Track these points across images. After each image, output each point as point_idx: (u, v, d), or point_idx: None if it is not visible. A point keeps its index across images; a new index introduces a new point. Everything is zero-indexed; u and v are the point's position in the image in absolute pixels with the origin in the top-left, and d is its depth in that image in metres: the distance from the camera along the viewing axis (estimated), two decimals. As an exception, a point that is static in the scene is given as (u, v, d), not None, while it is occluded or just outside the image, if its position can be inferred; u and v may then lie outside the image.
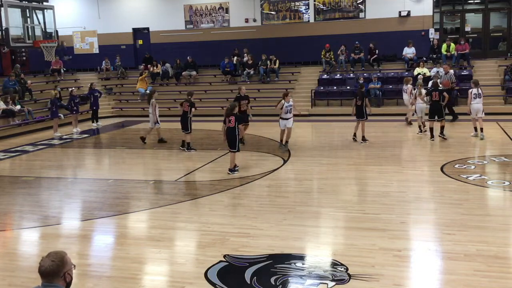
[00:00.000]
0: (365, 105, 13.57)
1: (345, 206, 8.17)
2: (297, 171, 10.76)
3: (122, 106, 22.64)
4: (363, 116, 13.56)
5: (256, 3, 23.46)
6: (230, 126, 10.41)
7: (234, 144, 10.50)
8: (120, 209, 8.59)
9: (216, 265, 5.98)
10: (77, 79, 23.94)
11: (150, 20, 24.86)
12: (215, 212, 8.12)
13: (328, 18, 22.87)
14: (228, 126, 10.47)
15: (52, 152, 14.57)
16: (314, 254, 6.32)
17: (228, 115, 10.49)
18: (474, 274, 5.54)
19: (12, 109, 17.70)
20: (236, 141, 10.50)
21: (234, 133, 10.43)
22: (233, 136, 10.45)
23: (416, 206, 8.11)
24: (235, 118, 10.44)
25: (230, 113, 10.52)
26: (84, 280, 5.79)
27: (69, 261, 3.20)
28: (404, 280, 5.59)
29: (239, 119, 10.68)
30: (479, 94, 13.52)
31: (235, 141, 10.47)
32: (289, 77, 22.06)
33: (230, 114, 10.48)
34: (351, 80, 20.85)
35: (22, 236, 7.66)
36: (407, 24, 21.85)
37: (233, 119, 10.40)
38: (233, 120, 10.39)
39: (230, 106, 10.85)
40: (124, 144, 15.68)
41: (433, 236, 6.84)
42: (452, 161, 11.00)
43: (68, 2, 25.15)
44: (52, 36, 21.22)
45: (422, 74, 19.43)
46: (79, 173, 11.88)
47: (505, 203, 8.51)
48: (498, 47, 22.43)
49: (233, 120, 10.39)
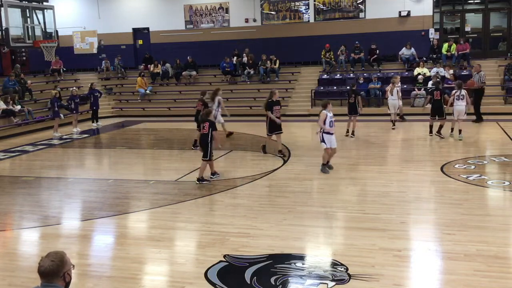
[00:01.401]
0: (357, 102, 14.42)
1: (345, 206, 8.18)
2: (297, 171, 10.75)
3: (122, 106, 22.65)
4: (356, 112, 14.40)
5: (256, 3, 23.45)
6: (204, 132, 9.81)
7: (206, 152, 9.85)
8: (120, 209, 8.59)
9: (216, 265, 5.98)
10: (77, 79, 23.95)
11: (150, 20, 24.85)
12: (215, 212, 8.12)
13: (328, 18, 22.87)
14: (202, 133, 9.85)
15: (52, 152, 14.57)
16: (314, 254, 6.32)
17: (203, 120, 9.91)
18: (474, 274, 5.54)
19: (12, 109, 17.71)
20: (208, 148, 9.82)
21: (207, 140, 9.81)
22: (205, 143, 9.83)
23: (416, 206, 8.10)
24: (209, 124, 9.80)
25: (205, 118, 9.92)
26: (84, 280, 5.79)
27: (69, 261, 3.21)
28: (404, 280, 5.59)
29: (213, 125, 9.86)
30: (462, 96, 13.45)
31: (207, 148, 9.83)
32: (289, 77, 22.07)
33: (205, 120, 9.89)
34: (351, 80, 20.83)
35: (22, 236, 7.66)
36: (407, 24, 21.85)
37: (207, 125, 9.80)
38: (207, 126, 9.80)
39: (205, 111, 10.31)
40: (124, 144, 15.68)
41: (433, 236, 6.84)
42: (452, 161, 11.00)
43: (68, 2, 25.15)
44: (52, 36, 21.22)
45: (422, 74, 19.48)
46: (79, 173, 11.87)
47: (505, 203, 8.51)
48: (498, 47, 22.44)
49: (207, 126, 9.80)
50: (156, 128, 18.59)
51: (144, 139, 17.20)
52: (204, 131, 9.81)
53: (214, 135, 9.79)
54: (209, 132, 9.75)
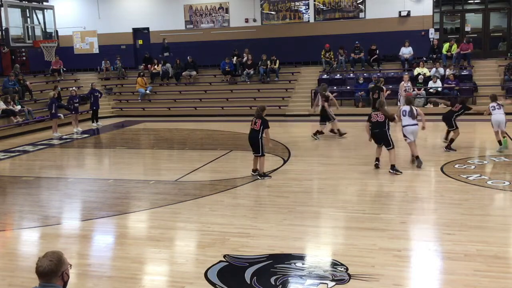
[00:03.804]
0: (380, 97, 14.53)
1: (345, 206, 8.17)
2: (297, 171, 10.75)
3: (122, 106, 22.64)
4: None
5: (256, 3, 23.45)
6: (255, 128, 9.95)
7: (258, 148, 9.96)
8: (120, 209, 8.59)
9: (216, 265, 5.98)
10: (77, 79, 23.95)
11: (150, 20, 24.85)
12: (215, 212, 8.12)
13: (328, 18, 22.87)
14: (253, 128, 10.00)
15: (52, 152, 14.57)
16: (314, 254, 6.32)
17: (257, 117, 9.99)
18: (474, 274, 5.53)
19: (13, 109, 17.71)
20: (260, 145, 9.93)
21: (257, 136, 9.92)
22: (256, 140, 9.96)
23: (416, 206, 8.10)
24: (261, 122, 9.89)
25: (260, 115, 10.00)
26: (84, 280, 5.79)
27: (66, 261, 3.23)
28: (404, 280, 5.59)
29: (265, 123, 9.90)
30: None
31: (258, 144, 9.95)
32: (289, 77, 22.06)
33: (259, 116, 9.98)
34: (351, 80, 20.86)
35: (22, 236, 7.66)
36: (407, 24, 21.85)
37: (259, 122, 9.90)
38: (259, 123, 9.91)
39: (259, 107, 10.30)
40: (124, 144, 15.68)
41: (433, 236, 6.84)
42: (452, 161, 10.99)
43: (68, 2, 25.15)
44: (52, 36, 21.22)
45: (422, 74, 19.48)
46: (79, 173, 11.87)
47: (505, 203, 8.51)
48: (498, 47, 22.45)
49: (259, 123, 9.91)
50: (156, 128, 18.59)
51: (144, 139, 17.20)
52: (255, 127, 9.91)
53: (265, 132, 9.88)
54: (260, 129, 9.86)
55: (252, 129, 10.01)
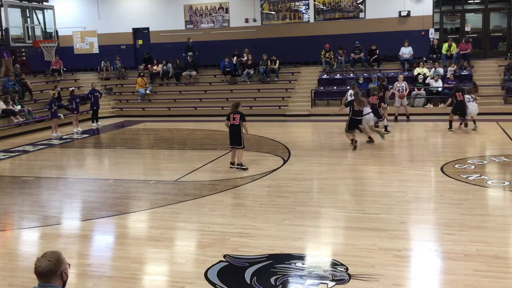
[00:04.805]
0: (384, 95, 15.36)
1: (345, 206, 8.17)
2: (297, 171, 10.75)
3: (122, 106, 22.65)
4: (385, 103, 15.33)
5: (256, 3, 23.45)
6: (235, 123, 10.68)
7: (240, 141, 10.74)
8: (120, 209, 8.59)
9: (216, 265, 5.97)
10: (77, 79, 23.95)
11: (150, 20, 24.86)
12: (215, 212, 8.11)
13: (328, 18, 22.87)
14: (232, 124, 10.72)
15: (52, 152, 14.57)
16: (314, 254, 6.31)
17: (233, 112, 10.73)
18: (474, 274, 5.53)
19: (13, 109, 17.71)
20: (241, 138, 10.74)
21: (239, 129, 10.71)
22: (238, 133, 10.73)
23: (416, 206, 8.10)
24: (240, 116, 10.67)
25: (234, 110, 10.75)
26: (84, 280, 5.79)
27: (65, 260, 3.23)
28: (404, 280, 5.59)
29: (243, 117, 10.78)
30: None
31: (240, 137, 10.72)
32: (289, 77, 22.06)
33: (235, 111, 10.72)
34: (351, 80, 20.83)
35: (22, 236, 7.66)
36: (407, 24, 21.85)
37: (238, 117, 10.66)
38: (237, 117, 10.65)
39: (234, 103, 11.08)
40: (124, 144, 15.68)
41: (433, 236, 6.83)
42: (452, 161, 10.99)
43: (68, 2, 25.15)
44: (52, 36, 21.22)
45: (422, 74, 19.48)
46: (79, 173, 11.87)
47: (505, 203, 8.51)
48: (498, 47, 22.44)
49: (237, 117, 10.65)
50: (156, 128, 18.59)
51: (144, 139, 17.20)
52: (235, 122, 10.65)
53: (244, 125, 10.68)
54: (240, 122, 10.63)
55: (232, 124, 10.72)
